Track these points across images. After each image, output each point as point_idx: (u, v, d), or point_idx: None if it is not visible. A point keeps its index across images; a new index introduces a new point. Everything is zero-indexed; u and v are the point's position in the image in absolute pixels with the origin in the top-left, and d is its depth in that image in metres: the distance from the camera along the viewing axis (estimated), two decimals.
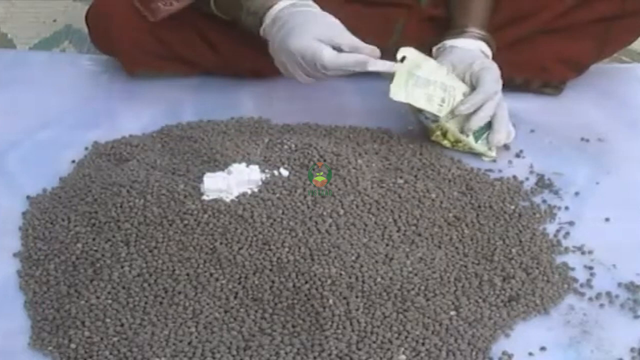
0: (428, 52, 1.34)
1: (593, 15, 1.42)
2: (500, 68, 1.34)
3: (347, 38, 1.25)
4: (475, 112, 1.29)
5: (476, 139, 1.31)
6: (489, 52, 1.37)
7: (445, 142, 1.32)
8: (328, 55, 1.22)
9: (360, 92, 1.46)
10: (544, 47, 1.44)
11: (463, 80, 1.32)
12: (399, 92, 1.26)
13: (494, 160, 1.32)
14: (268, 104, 1.44)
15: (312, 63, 1.23)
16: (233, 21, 1.35)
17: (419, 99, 1.27)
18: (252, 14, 1.30)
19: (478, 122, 1.30)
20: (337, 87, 1.48)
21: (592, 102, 1.48)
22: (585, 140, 1.38)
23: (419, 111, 1.31)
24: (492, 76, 1.31)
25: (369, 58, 1.24)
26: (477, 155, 1.32)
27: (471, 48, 1.35)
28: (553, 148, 1.36)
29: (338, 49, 1.24)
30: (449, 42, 1.36)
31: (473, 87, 1.31)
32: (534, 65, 1.46)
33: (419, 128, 1.37)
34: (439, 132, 1.31)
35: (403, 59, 1.28)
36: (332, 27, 1.26)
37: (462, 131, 1.30)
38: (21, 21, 1.76)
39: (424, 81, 1.27)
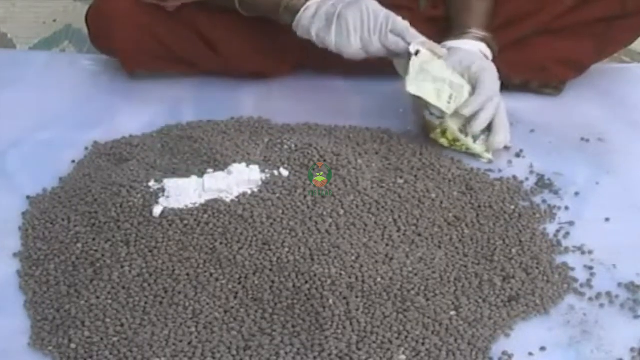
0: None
1: (593, 15, 1.42)
2: (500, 69, 1.34)
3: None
4: (476, 115, 1.29)
5: (474, 139, 1.31)
6: (488, 53, 1.36)
7: (443, 141, 1.32)
8: (400, 19, 1.27)
9: (360, 92, 1.47)
10: (543, 48, 1.44)
11: None
12: (412, 85, 1.27)
13: (491, 161, 1.32)
14: (268, 104, 1.44)
15: (380, 23, 1.26)
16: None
17: (430, 94, 1.28)
18: (289, 9, 1.31)
19: (480, 124, 1.30)
20: (337, 87, 1.48)
21: (592, 102, 1.48)
22: (585, 140, 1.38)
23: (425, 106, 1.31)
24: (490, 77, 1.31)
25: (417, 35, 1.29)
26: (465, 152, 1.32)
27: (472, 49, 1.35)
28: (553, 148, 1.36)
29: None
30: (449, 44, 1.36)
31: (473, 89, 1.31)
32: (534, 65, 1.46)
33: (419, 128, 1.37)
34: (438, 130, 1.31)
35: (417, 52, 1.28)
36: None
37: (461, 131, 1.30)
38: (21, 21, 1.76)
39: (433, 77, 1.28)
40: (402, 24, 1.28)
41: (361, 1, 1.27)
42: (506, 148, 1.34)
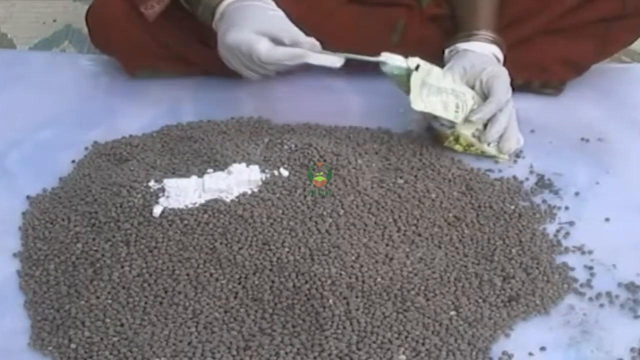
0: (433, 54, 1.34)
1: (593, 15, 1.42)
2: None
3: (288, 31, 1.22)
4: (491, 123, 1.29)
5: (488, 143, 1.31)
6: (501, 56, 1.36)
7: (458, 147, 1.32)
8: (263, 48, 1.20)
9: (360, 92, 1.46)
10: (544, 48, 1.44)
11: (473, 87, 1.31)
12: (418, 102, 1.26)
13: (496, 162, 1.32)
14: (268, 104, 1.44)
15: (249, 56, 1.21)
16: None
17: (437, 107, 1.28)
18: (207, 8, 1.28)
19: (495, 133, 1.29)
20: (337, 87, 1.48)
21: (592, 102, 1.47)
22: (585, 140, 1.38)
23: (434, 118, 1.30)
24: (503, 84, 1.30)
25: (307, 52, 1.22)
26: (477, 155, 1.32)
27: (484, 52, 1.34)
28: (553, 148, 1.36)
29: (279, 42, 1.21)
30: (461, 46, 1.35)
31: (484, 95, 1.30)
32: (534, 65, 1.45)
33: (420, 129, 1.37)
34: (451, 138, 1.31)
35: (417, 67, 1.27)
36: (273, 20, 1.23)
37: (474, 135, 1.30)
38: (21, 21, 1.76)
39: (436, 89, 1.28)
40: (259, 52, 1.19)
41: (227, 36, 1.22)
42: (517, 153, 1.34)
